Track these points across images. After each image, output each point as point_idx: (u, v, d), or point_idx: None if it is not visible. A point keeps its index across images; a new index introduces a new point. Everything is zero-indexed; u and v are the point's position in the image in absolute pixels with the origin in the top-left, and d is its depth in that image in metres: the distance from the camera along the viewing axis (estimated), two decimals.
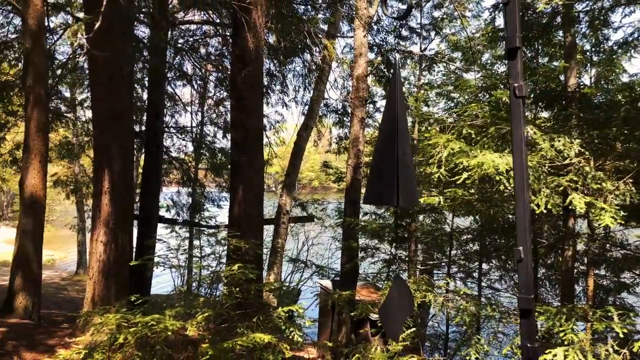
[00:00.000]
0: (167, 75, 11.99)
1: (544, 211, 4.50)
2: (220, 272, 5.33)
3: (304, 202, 14.07)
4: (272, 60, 12.07)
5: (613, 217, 4.34)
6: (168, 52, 11.44)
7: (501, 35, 8.52)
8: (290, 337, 4.14)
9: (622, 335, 3.60)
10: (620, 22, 11.96)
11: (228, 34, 11.52)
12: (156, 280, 11.29)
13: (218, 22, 11.71)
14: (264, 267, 9.86)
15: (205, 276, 6.69)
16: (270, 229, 12.07)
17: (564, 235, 6.73)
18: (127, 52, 7.43)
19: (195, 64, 13.10)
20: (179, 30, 12.59)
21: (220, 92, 14.03)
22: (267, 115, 13.70)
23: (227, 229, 7.69)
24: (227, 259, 6.86)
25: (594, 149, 5.87)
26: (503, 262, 8.43)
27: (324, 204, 14.67)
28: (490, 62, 12.18)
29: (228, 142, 13.08)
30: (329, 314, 7.44)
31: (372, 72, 11.82)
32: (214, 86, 14.25)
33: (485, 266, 8.58)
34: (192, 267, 7.49)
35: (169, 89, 12.90)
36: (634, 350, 3.59)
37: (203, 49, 13.07)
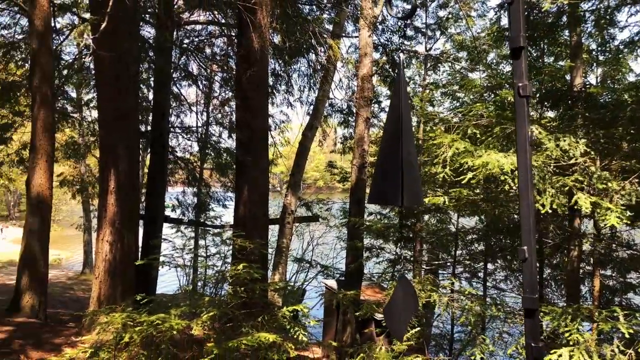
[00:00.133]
0: (173, 75, 12.03)
1: (549, 211, 4.49)
2: (225, 272, 5.35)
3: (309, 202, 14.10)
4: (277, 60, 12.09)
5: (619, 217, 4.32)
6: (173, 52, 11.48)
7: (506, 34, 8.50)
8: (295, 337, 4.14)
9: (628, 336, 3.58)
10: (626, 21, 11.92)
11: (233, 34, 11.55)
12: (161, 280, 11.33)
13: (223, 22, 11.74)
14: (268, 266, 9.89)
15: (210, 276, 6.70)
16: (275, 228, 12.09)
17: (569, 235, 6.70)
18: (133, 53, 7.46)
19: (200, 64, 13.15)
20: (185, 31, 12.63)
21: (226, 92, 14.09)
22: (272, 115, 13.74)
23: (232, 228, 7.72)
24: (232, 258, 6.88)
25: (600, 149, 5.85)
26: (508, 262, 8.40)
27: (329, 204, 14.68)
28: (495, 61, 12.16)
29: (233, 142, 13.10)
30: (333, 314, 7.44)
31: (377, 72, 11.82)
32: (219, 86, 14.31)
33: (490, 266, 8.55)
34: (197, 266, 7.49)
35: (175, 89, 12.95)
36: None
37: (208, 49, 13.13)
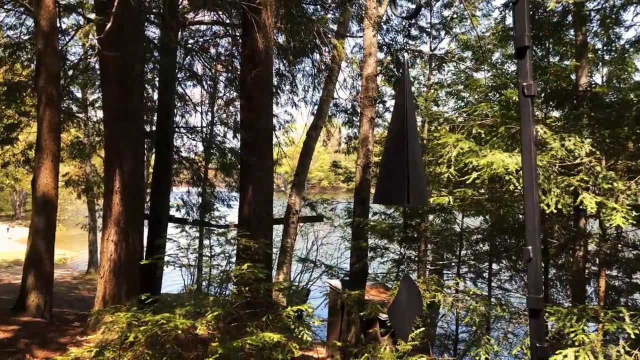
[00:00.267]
0: (178, 75, 12.05)
1: (555, 211, 4.47)
2: (229, 272, 5.36)
3: (313, 201, 14.08)
4: (281, 60, 12.09)
5: (625, 217, 4.30)
6: (178, 52, 11.49)
7: (511, 34, 8.48)
8: (300, 337, 4.15)
9: (633, 337, 3.56)
10: (632, 20, 11.85)
11: (238, 35, 11.55)
12: (166, 279, 11.36)
13: (228, 22, 11.76)
14: (273, 266, 9.89)
15: (215, 275, 6.71)
16: (279, 228, 12.09)
17: (574, 235, 6.68)
18: (138, 53, 7.48)
19: (205, 64, 13.16)
20: (189, 31, 12.65)
21: (230, 92, 14.10)
22: (277, 115, 13.74)
23: (237, 228, 7.72)
24: (236, 258, 6.89)
25: (605, 149, 5.83)
26: (513, 263, 8.38)
27: (333, 204, 14.66)
28: (500, 61, 12.13)
29: (238, 142, 13.11)
30: (338, 314, 7.44)
31: (382, 71, 11.81)
32: (224, 86, 14.32)
33: (495, 266, 8.54)
34: (201, 266, 7.51)
35: (179, 89, 12.96)
36: None
37: (213, 49, 13.13)
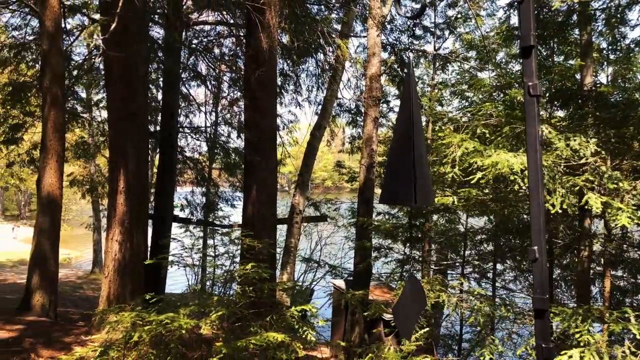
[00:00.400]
0: (182, 75, 12.07)
1: (560, 211, 4.46)
2: (233, 272, 5.36)
3: (317, 201, 14.09)
4: (285, 60, 12.10)
5: (630, 217, 4.29)
6: (182, 52, 11.52)
7: (516, 33, 8.45)
8: (304, 337, 4.15)
9: (639, 337, 3.55)
10: (637, 20, 11.80)
11: (242, 35, 11.57)
12: (170, 279, 11.38)
13: (232, 22, 11.77)
14: (277, 266, 9.89)
15: (219, 275, 6.72)
16: (283, 228, 12.10)
17: (579, 235, 6.65)
18: (142, 53, 7.50)
19: (209, 64, 13.17)
20: (193, 31, 12.66)
21: (234, 93, 14.10)
22: (281, 115, 13.75)
23: (241, 228, 7.74)
24: (240, 258, 6.89)
25: (611, 149, 5.81)
26: (518, 263, 8.35)
27: (337, 204, 14.67)
28: (504, 60, 12.07)
29: (242, 142, 13.13)
30: (342, 314, 7.43)
31: (386, 71, 11.80)
32: (228, 86, 14.33)
33: (499, 267, 8.51)
34: (205, 266, 7.53)
35: (183, 90, 12.99)
36: None
37: (217, 50, 13.15)
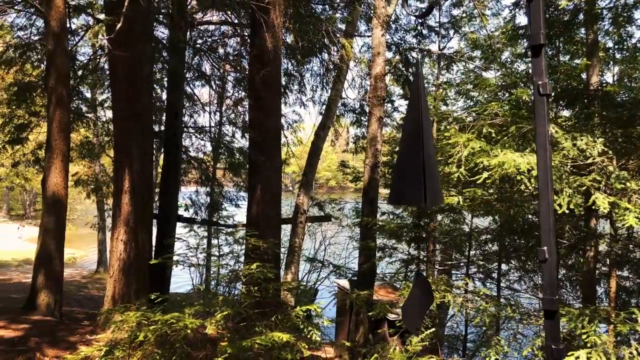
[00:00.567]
0: (186, 75, 12.09)
1: (566, 211, 4.43)
2: (238, 271, 5.36)
3: (321, 201, 14.06)
4: (290, 60, 12.09)
5: (638, 217, 4.26)
6: (187, 52, 11.53)
7: (521, 33, 8.43)
8: (309, 337, 4.14)
9: None
10: None
11: (246, 34, 11.56)
12: (175, 279, 11.39)
13: (236, 22, 11.78)
14: (281, 266, 9.89)
15: (223, 275, 6.72)
16: (287, 228, 12.09)
17: (585, 235, 6.62)
18: (147, 53, 7.50)
19: (213, 64, 13.19)
20: (198, 31, 12.68)
21: (239, 92, 14.12)
22: (285, 115, 13.73)
23: (245, 228, 7.73)
24: (245, 258, 6.89)
25: (618, 148, 5.77)
26: (522, 263, 8.32)
27: (341, 204, 14.63)
28: (510, 60, 12.04)
29: (246, 142, 13.13)
30: (346, 314, 7.42)
31: (390, 71, 11.78)
32: (233, 86, 14.34)
33: (504, 267, 8.48)
34: (210, 266, 7.53)
35: (188, 89, 13.00)
36: None
37: (221, 49, 13.15)
